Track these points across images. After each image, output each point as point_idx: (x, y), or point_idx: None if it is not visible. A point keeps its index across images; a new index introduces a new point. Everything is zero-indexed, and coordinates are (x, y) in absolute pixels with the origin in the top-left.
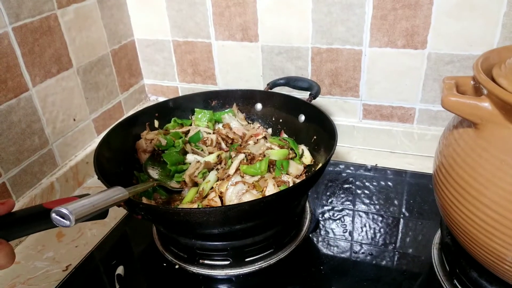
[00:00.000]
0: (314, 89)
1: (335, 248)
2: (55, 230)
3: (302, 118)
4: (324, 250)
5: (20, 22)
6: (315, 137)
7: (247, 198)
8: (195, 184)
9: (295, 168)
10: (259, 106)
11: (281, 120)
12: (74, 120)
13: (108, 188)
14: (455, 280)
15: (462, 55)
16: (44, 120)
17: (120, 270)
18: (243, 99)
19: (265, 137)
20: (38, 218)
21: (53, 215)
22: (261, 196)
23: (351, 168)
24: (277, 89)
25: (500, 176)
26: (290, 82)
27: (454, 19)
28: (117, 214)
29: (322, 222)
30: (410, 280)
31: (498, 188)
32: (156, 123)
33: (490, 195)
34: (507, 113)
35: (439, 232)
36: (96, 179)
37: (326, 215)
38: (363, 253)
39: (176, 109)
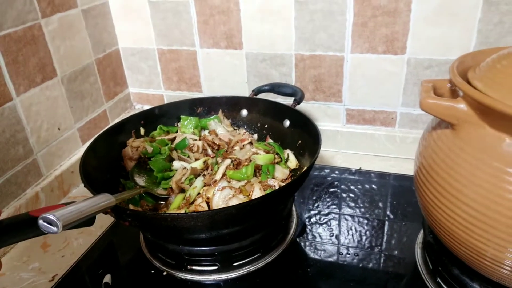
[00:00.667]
0: (298, 95)
1: (322, 251)
2: (40, 240)
3: (287, 123)
4: (311, 253)
5: (4, 32)
6: (300, 142)
7: (234, 202)
8: (182, 191)
9: (281, 172)
10: (244, 112)
11: (266, 126)
12: (59, 129)
13: (95, 195)
14: (438, 278)
15: (440, 59)
16: (28, 130)
17: (107, 278)
18: (228, 106)
19: (251, 143)
20: (24, 226)
21: (41, 221)
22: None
23: (336, 172)
24: (262, 96)
25: (477, 174)
26: (274, 88)
27: (432, 26)
28: (103, 223)
29: (308, 226)
30: (395, 280)
31: (475, 186)
32: (142, 131)
33: (469, 193)
34: (482, 114)
35: (422, 232)
36: (82, 189)
37: (313, 219)
38: (349, 255)
39: (162, 116)
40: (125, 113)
